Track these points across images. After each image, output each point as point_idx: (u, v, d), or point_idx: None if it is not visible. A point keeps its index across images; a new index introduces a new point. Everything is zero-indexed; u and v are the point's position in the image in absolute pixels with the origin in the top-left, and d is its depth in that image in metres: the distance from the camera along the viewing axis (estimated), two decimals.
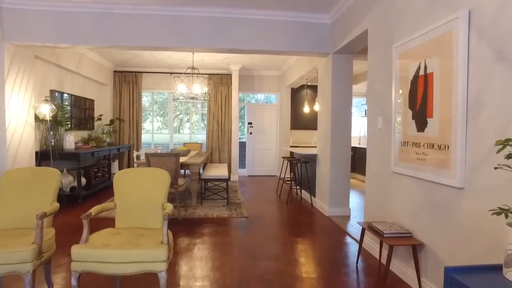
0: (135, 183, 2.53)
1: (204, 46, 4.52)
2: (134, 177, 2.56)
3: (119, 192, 2.51)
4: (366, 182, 3.57)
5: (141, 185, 2.52)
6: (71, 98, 6.25)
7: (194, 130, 9.12)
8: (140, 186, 2.52)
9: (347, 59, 4.78)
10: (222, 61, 7.58)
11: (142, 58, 7.33)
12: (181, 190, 4.62)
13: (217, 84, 8.59)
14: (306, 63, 6.26)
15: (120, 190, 2.51)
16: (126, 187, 2.51)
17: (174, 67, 8.20)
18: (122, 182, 2.52)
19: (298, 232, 4.09)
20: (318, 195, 5.36)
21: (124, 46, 4.39)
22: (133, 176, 2.56)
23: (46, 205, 2.38)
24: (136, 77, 8.38)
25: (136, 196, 2.49)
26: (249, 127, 9.11)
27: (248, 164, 9.19)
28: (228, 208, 5.20)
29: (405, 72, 2.74)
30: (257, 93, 9.21)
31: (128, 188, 2.51)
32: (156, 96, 9.06)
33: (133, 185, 2.52)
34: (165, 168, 4.35)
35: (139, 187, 2.52)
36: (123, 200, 2.49)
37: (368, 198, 3.52)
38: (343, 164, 4.86)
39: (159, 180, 2.54)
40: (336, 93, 4.79)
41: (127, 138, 8.39)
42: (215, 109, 8.60)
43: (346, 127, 4.84)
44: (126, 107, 8.35)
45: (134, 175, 2.57)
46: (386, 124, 3.12)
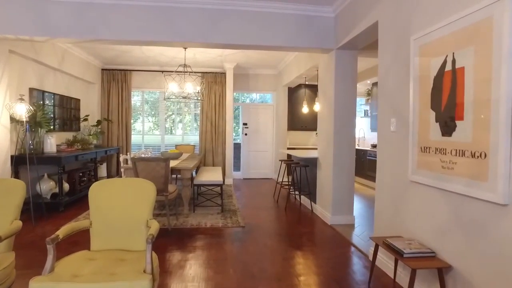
0: (115, 196, 2.15)
1: (197, 41, 4.14)
2: (113, 189, 2.17)
3: (95, 208, 2.12)
4: (377, 191, 3.22)
5: (122, 199, 2.14)
6: (53, 97, 5.82)
7: (186, 131, 8.73)
8: (120, 201, 2.14)
9: (351, 55, 4.44)
10: (216, 58, 7.20)
11: (131, 56, 6.91)
12: (172, 197, 4.24)
13: (211, 83, 8.20)
14: (305, 61, 5.91)
15: (96, 205, 2.12)
16: (103, 202, 2.13)
17: (165, 65, 7.80)
18: (99, 196, 2.14)
19: (300, 244, 3.73)
20: (319, 201, 5.01)
21: (108, 40, 3.99)
22: (112, 189, 2.18)
23: (4, 225, 1.98)
24: (125, 76, 7.96)
25: (116, 212, 2.11)
26: (244, 128, 8.74)
27: (243, 167, 8.82)
28: (222, 216, 4.82)
29: (427, 67, 2.39)
30: (252, 93, 8.85)
31: (106, 203, 2.13)
32: (147, 95, 8.64)
33: (112, 199, 2.14)
34: (154, 174, 3.96)
35: (119, 202, 2.14)
36: (100, 217, 2.11)
37: (378, 209, 3.18)
38: (346, 169, 4.51)
39: (143, 193, 2.16)
40: (339, 92, 4.45)
41: (116, 140, 7.96)
42: (209, 109, 8.22)
43: (349, 128, 4.50)
44: (115, 107, 7.92)
45: (113, 187, 2.18)
46: (402, 127, 2.77)
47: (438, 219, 2.28)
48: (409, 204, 2.65)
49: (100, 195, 2.13)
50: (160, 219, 4.55)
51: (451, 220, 2.16)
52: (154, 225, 2.03)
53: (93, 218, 2.10)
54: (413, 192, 2.59)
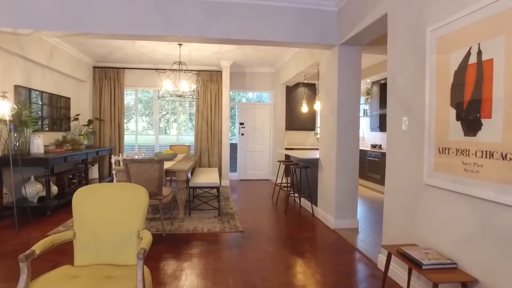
0: (102, 204, 1.91)
1: (192, 35, 3.91)
2: (100, 196, 1.94)
3: (80, 217, 1.88)
4: (386, 195, 3.02)
5: (110, 207, 1.91)
6: (41, 95, 5.54)
7: (181, 131, 8.48)
8: (108, 209, 1.90)
9: (355, 51, 4.23)
10: (212, 56, 6.96)
11: (124, 52, 6.65)
12: (166, 201, 4.00)
13: (206, 81, 7.96)
14: (305, 58, 5.70)
15: (81, 214, 1.88)
16: (89, 210, 1.89)
17: (159, 62, 7.54)
18: (84, 204, 1.90)
19: (303, 250, 3.52)
20: (320, 204, 4.80)
21: (96, 34, 3.73)
22: (99, 195, 1.94)
23: None
24: (118, 73, 7.68)
25: (103, 222, 1.88)
26: (240, 128, 8.52)
27: (240, 168, 8.60)
28: (220, 220, 4.59)
29: (446, 61, 2.19)
30: (249, 91, 8.62)
31: (92, 211, 1.89)
32: (140, 94, 8.37)
33: (99, 207, 1.90)
34: (147, 176, 3.72)
35: (107, 210, 1.90)
36: (85, 227, 1.87)
37: (388, 215, 2.97)
38: (350, 171, 4.31)
39: (135, 200, 1.93)
40: (342, 90, 4.24)
41: (108, 140, 7.69)
42: (204, 108, 7.97)
43: (353, 128, 4.30)
44: (107, 106, 7.65)
45: (100, 193, 1.95)
46: (415, 126, 2.57)
47: (460, 227, 2.08)
48: (424, 210, 2.44)
49: (85, 202, 1.89)
50: (154, 224, 4.31)
51: (476, 229, 1.96)
52: (146, 236, 1.79)
53: (77, 228, 1.86)
54: (429, 197, 2.39)
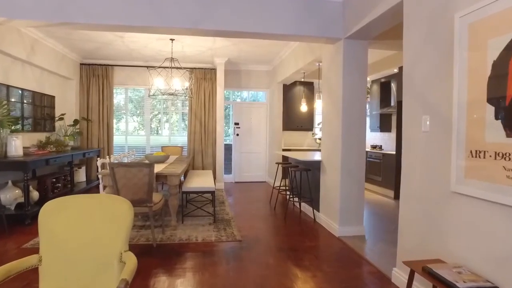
0: (76, 221, 1.57)
1: (185, 27, 3.56)
2: (74, 211, 1.59)
3: (48, 238, 1.54)
4: (402, 203, 2.72)
5: (86, 225, 1.57)
6: (22, 93, 5.14)
7: (174, 132, 8.11)
8: (84, 227, 1.56)
9: (362, 46, 3.94)
10: (206, 52, 6.62)
11: (113, 48, 6.27)
12: (157, 208, 3.65)
13: (200, 79, 7.61)
14: (304, 54, 5.40)
15: (49, 234, 1.54)
16: (60, 229, 1.55)
17: (150, 59, 7.17)
18: (53, 221, 1.56)
19: (308, 262, 3.20)
20: (323, 209, 4.50)
21: (80, 25, 3.37)
22: (73, 210, 1.60)
23: None
24: (107, 71, 7.29)
25: (77, 243, 1.53)
26: (235, 128, 8.18)
27: (235, 170, 8.26)
28: (215, 228, 4.26)
29: (482, 50, 1.90)
30: (244, 90, 8.29)
31: (63, 230, 1.55)
32: (131, 93, 7.99)
33: (72, 224, 1.56)
34: (136, 181, 3.37)
35: (82, 228, 1.56)
36: (55, 250, 1.52)
37: (404, 225, 2.67)
38: (356, 174, 4.01)
39: (116, 215, 1.59)
40: (348, 88, 3.94)
41: (97, 141, 7.29)
42: (198, 107, 7.62)
43: (359, 129, 4.00)
44: (95, 105, 7.25)
45: (74, 208, 1.60)
46: (439, 126, 2.27)
47: (501, 243, 1.79)
48: (451, 221, 2.15)
49: (55, 219, 1.55)
50: (144, 233, 3.96)
51: None
52: (130, 261, 1.46)
53: (44, 252, 1.51)
54: (458, 206, 2.09)
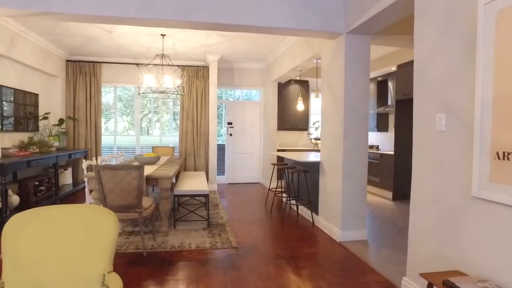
0: (48, 238, 1.32)
1: (176, 19, 3.31)
2: (46, 225, 1.34)
3: (13, 259, 1.28)
4: (413, 209, 2.52)
5: (61, 243, 1.32)
6: (1, 90, 4.82)
7: (165, 131, 7.83)
8: (58, 245, 1.31)
9: (364, 41, 3.74)
10: (199, 49, 6.37)
11: (100, 44, 5.97)
12: (147, 214, 3.39)
13: (192, 77, 7.35)
14: (302, 50, 5.19)
15: (15, 254, 1.29)
16: (28, 248, 1.30)
17: (140, 56, 6.88)
18: (20, 240, 1.30)
19: (312, 271, 2.99)
20: (323, 213, 4.29)
21: (62, 14, 3.10)
22: (45, 224, 1.35)
23: None
24: (95, 68, 6.98)
25: (50, 266, 1.29)
26: (228, 128, 7.95)
27: (228, 171, 8.02)
28: (209, 233, 4.02)
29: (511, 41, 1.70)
30: (237, 89, 8.05)
31: (33, 249, 1.30)
32: (120, 92, 7.68)
33: (43, 243, 1.31)
34: (124, 185, 3.11)
35: (56, 247, 1.31)
36: (22, 274, 1.27)
37: (416, 232, 2.47)
38: (358, 176, 3.82)
39: (98, 230, 1.34)
40: (350, 85, 3.74)
41: (84, 142, 6.97)
42: (190, 106, 7.36)
43: (362, 128, 3.81)
44: (82, 104, 6.93)
45: (46, 221, 1.35)
46: (458, 125, 2.08)
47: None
48: (472, 229, 1.95)
49: (22, 236, 1.29)
50: (133, 239, 3.69)
51: None
52: (114, 284, 1.21)
53: (8, 276, 1.26)
54: (480, 213, 1.90)
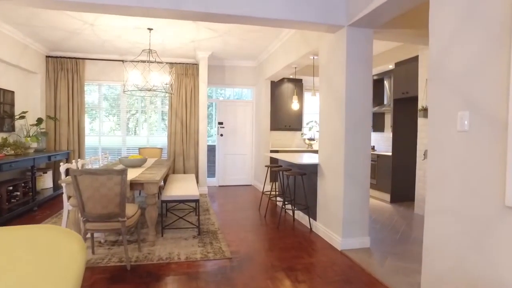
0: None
1: (162, 7, 3.00)
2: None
3: None
4: (428, 218, 2.27)
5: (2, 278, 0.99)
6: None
7: (152, 132, 7.48)
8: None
9: (367, 35, 3.50)
10: (188, 45, 6.05)
11: (82, 39, 5.60)
12: (131, 223, 3.07)
13: (181, 75, 7.02)
14: (297, 46, 4.92)
15: None
16: None
17: (126, 52, 6.52)
18: None
19: (312, 285, 2.71)
20: (321, 218, 4.03)
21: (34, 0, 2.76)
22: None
23: None
24: (77, 65, 6.59)
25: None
26: (219, 128, 7.64)
27: (219, 172, 7.71)
28: (200, 241, 3.71)
29: None
30: (229, 87, 7.75)
31: None
32: (106, 90, 7.28)
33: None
34: (105, 192, 2.78)
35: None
36: None
37: (432, 244, 2.22)
38: (361, 179, 3.57)
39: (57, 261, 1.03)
40: (351, 82, 3.49)
41: (66, 143, 6.57)
42: (178, 106, 7.03)
43: (364, 128, 3.56)
44: (64, 103, 6.53)
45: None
46: (485, 125, 1.83)
47: None
48: (506, 243, 1.70)
49: None
50: (116, 250, 3.36)
51: None
52: None
53: None
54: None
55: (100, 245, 3.48)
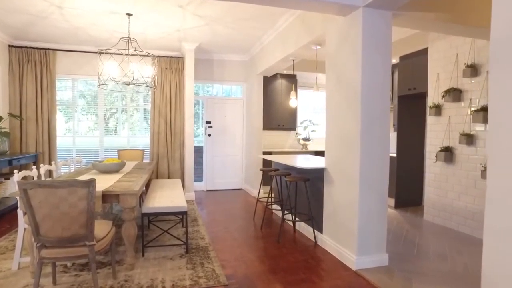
0: None
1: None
2: None
3: None
4: (488, 238, 1.76)
5: None
6: None
7: (135, 132, 6.81)
8: None
9: (385, 17, 2.98)
10: (173, 35, 5.42)
11: (51, 24, 4.89)
12: (102, 247, 2.44)
13: (165, 69, 6.38)
14: (297, 35, 4.38)
15: None
16: None
17: (102, 43, 5.83)
18: None
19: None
20: (329, 231, 3.50)
21: None
22: None
23: None
24: (47, 56, 5.86)
25: None
26: (207, 128, 7.03)
27: (207, 176, 7.10)
28: (189, 261, 3.12)
29: None
30: (217, 83, 7.15)
31: None
32: (83, 86, 6.55)
33: None
34: (66, 210, 2.15)
35: None
36: None
37: (495, 273, 1.71)
38: (378, 186, 3.05)
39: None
40: (368, 74, 2.97)
41: (34, 144, 5.83)
42: (162, 103, 6.39)
43: (382, 126, 3.04)
44: (31, 99, 5.79)
45: None
46: None
47: None
48: None
49: None
50: (86, 278, 2.73)
51: None
52: None
53: None
54: None
55: (65, 271, 2.84)
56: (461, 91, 4.17)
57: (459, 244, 3.66)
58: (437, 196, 4.55)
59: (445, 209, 4.41)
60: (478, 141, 3.95)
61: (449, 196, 4.36)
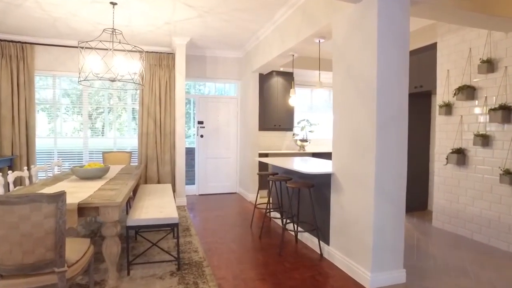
0: None
1: None
2: None
3: None
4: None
5: None
6: None
7: (123, 133, 6.37)
8: None
9: (402, 5, 2.64)
10: (162, 28, 5.01)
11: (27, 14, 4.43)
12: (78, 272, 2.04)
13: (154, 66, 5.96)
14: (298, 28, 4.02)
15: None
16: None
17: (85, 36, 5.37)
18: None
19: None
20: (337, 243, 3.15)
21: None
22: None
23: None
24: (24, 51, 5.38)
25: None
26: (199, 128, 6.63)
27: (199, 179, 6.70)
28: (181, 281, 2.73)
29: None
30: (210, 81, 6.76)
31: None
32: (66, 83, 6.08)
33: None
34: (28, 230, 1.75)
35: None
36: None
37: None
38: (395, 193, 2.72)
39: None
40: (385, 67, 2.62)
41: (10, 146, 5.35)
42: (151, 102, 5.97)
43: (400, 127, 2.71)
44: (7, 97, 5.31)
45: None
46: None
47: None
48: None
49: None
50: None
51: None
52: None
53: None
54: None
55: None
56: (475, 88, 3.87)
57: (479, 256, 3.35)
58: (447, 201, 4.24)
59: (456, 215, 4.11)
60: (495, 142, 3.65)
61: (461, 201, 4.06)
